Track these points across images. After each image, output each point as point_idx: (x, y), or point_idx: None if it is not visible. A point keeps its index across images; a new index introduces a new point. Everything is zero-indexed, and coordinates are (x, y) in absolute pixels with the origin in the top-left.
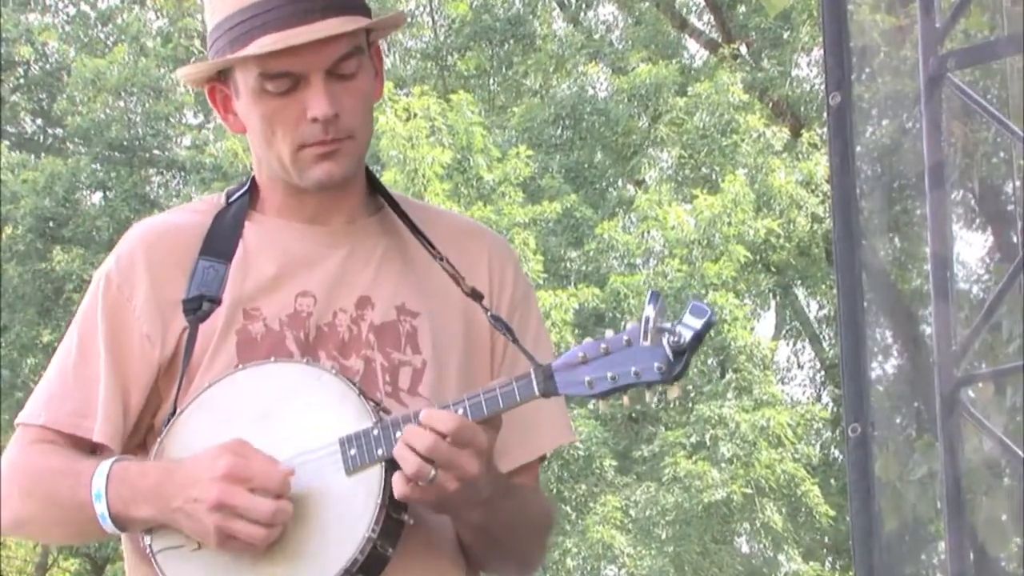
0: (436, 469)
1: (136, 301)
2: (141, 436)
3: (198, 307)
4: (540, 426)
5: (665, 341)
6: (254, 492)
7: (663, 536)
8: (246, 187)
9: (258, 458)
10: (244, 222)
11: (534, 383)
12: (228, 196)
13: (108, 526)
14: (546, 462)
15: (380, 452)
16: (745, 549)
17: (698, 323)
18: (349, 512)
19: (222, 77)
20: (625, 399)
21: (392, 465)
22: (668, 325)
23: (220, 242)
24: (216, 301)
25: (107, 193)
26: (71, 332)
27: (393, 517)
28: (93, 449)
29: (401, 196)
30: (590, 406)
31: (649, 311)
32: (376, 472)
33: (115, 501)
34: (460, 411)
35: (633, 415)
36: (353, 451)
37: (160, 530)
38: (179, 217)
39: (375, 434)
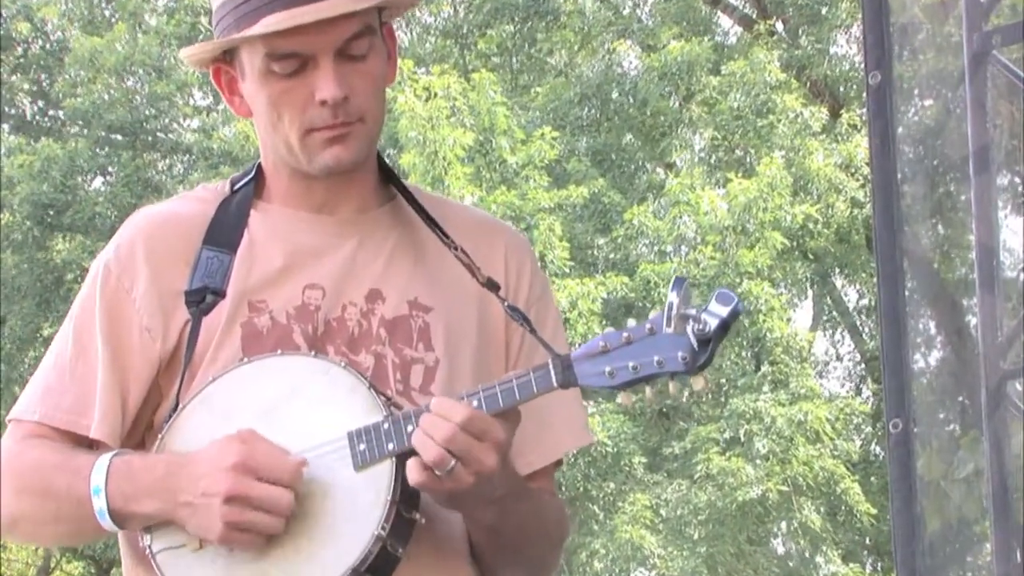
0: (455, 460)
1: (136, 292)
2: (140, 434)
3: (201, 299)
4: (556, 428)
5: (689, 329)
6: (263, 482)
7: (695, 536)
8: (251, 174)
9: (268, 447)
10: (249, 211)
11: (552, 373)
12: (233, 184)
13: (106, 523)
14: (572, 459)
15: (391, 447)
16: (781, 550)
17: (724, 310)
18: (357, 509)
19: (227, 58)
20: (648, 392)
21: (403, 461)
22: (693, 312)
23: (224, 231)
24: (220, 293)
25: (108, 178)
26: (68, 324)
27: (404, 515)
28: (90, 447)
29: (414, 187)
30: (618, 400)
31: (672, 297)
32: (386, 468)
33: (115, 496)
34: (475, 403)
35: (664, 410)
36: (362, 446)
37: (161, 529)
38: (182, 205)
39: (386, 428)
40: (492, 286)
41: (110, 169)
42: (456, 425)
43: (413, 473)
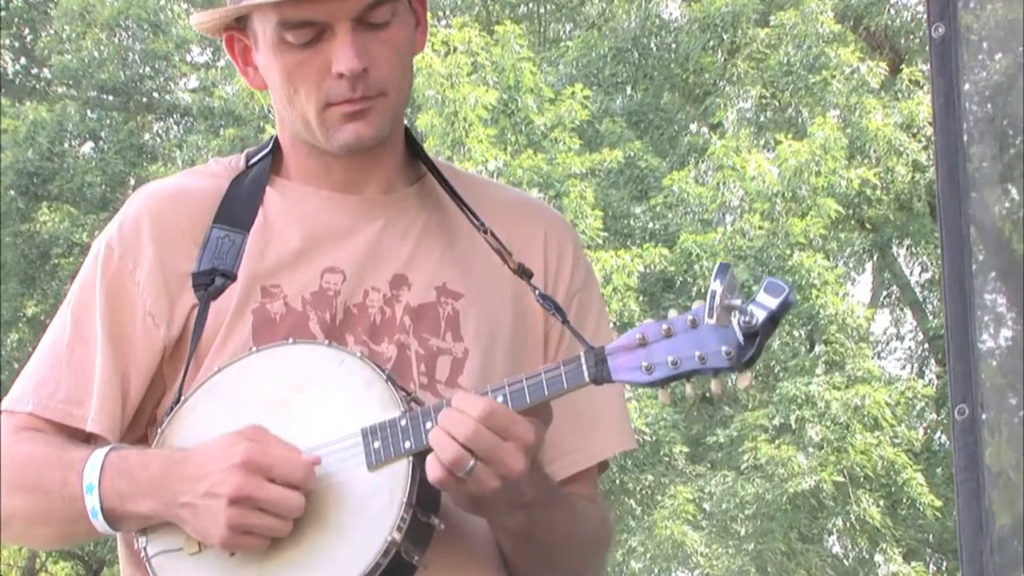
0: (476, 461)
1: (140, 274)
2: (142, 428)
3: (210, 282)
4: (599, 428)
5: (735, 322)
6: (273, 483)
7: (742, 532)
8: (268, 148)
9: (278, 445)
10: (265, 188)
11: (584, 367)
12: (248, 158)
13: (100, 524)
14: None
15: (408, 445)
16: (836, 548)
17: (773, 302)
18: (370, 512)
19: (240, 25)
20: (689, 389)
21: (421, 460)
22: (738, 303)
23: (237, 209)
24: (230, 276)
25: (99, 143)
26: (66, 307)
27: (421, 520)
28: (87, 441)
29: (447, 165)
30: (657, 398)
31: (716, 286)
32: (402, 467)
33: (110, 495)
34: (500, 398)
35: (707, 394)
36: (377, 443)
37: (157, 531)
38: (191, 180)
39: (403, 425)
40: (524, 273)
41: (101, 133)
42: (476, 421)
43: (432, 470)
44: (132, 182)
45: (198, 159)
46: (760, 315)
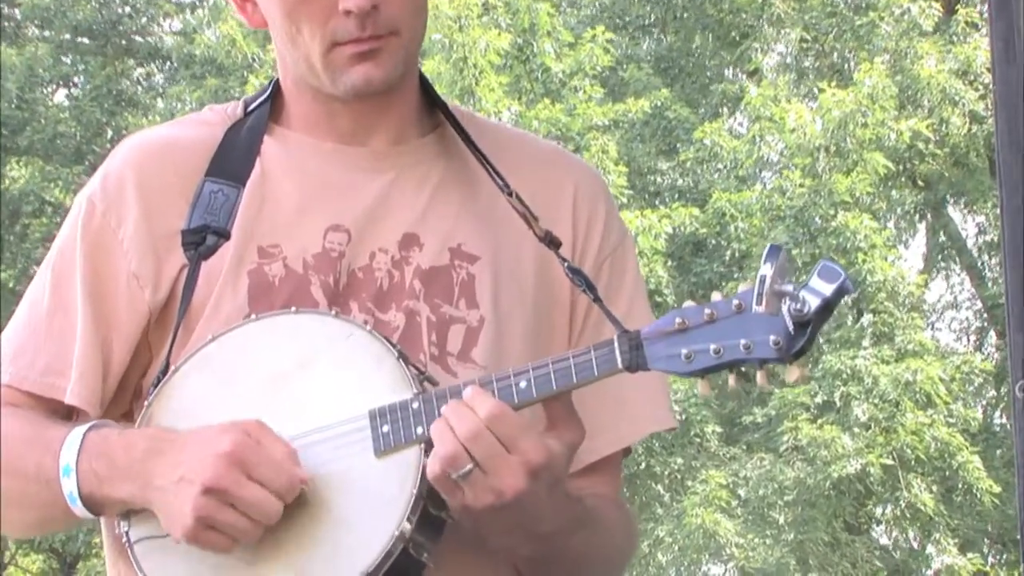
0: (473, 466)
1: (124, 232)
2: (126, 402)
3: (201, 240)
4: (631, 407)
5: (785, 309)
6: (253, 482)
7: (781, 521)
8: (267, 94)
9: (273, 445)
10: (263, 137)
11: (617, 354)
12: (246, 105)
13: (78, 509)
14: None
15: (420, 431)
16: (884, 539)
17: (828, 288)
18: (376, 503)
19: None
20: (732, 381)
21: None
22: (790, 288)
23: (232, 161)
24: (224, 234)
25: (73, 90)
26: (45, 269)
27: (432, 513)
28: (68, 416)
29: (467, 112)
30: (696, 389)
31: (766, 269)
32: (413, 455)
33: (88, 478)
34: (523, 383)
35: (743, 368)
36: (386, 427)
37: (141, 514)
38: (183, 129)
39: (415, 408)
40: (551, 243)
41: (76, 80)
42: (482, 420)
43: (430, 464)
44: (110, 133)
45: (179, 111)
46: (813, 302)
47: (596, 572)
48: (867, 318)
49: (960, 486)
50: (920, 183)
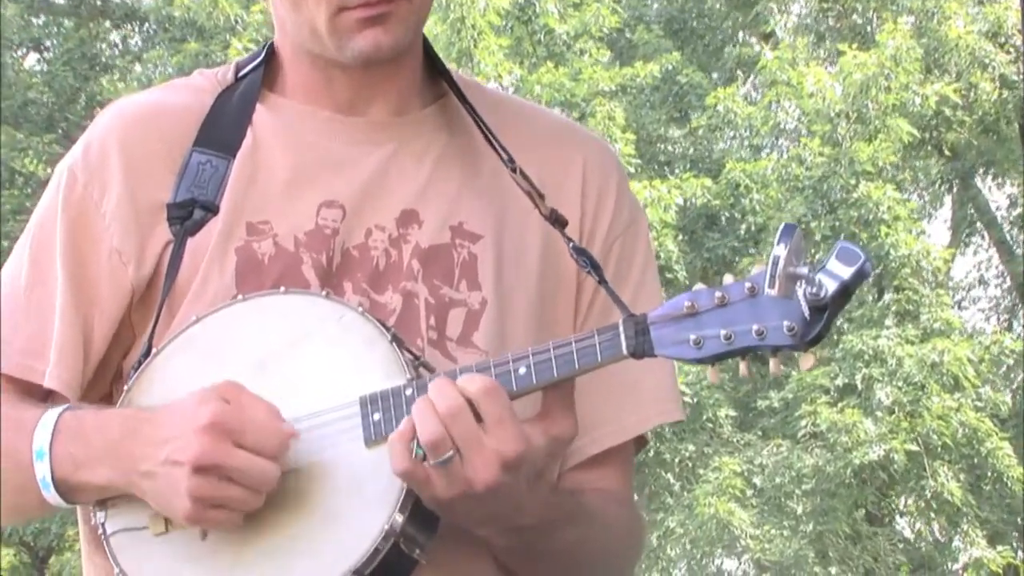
0: (454, 453)
1: (107, 205)
2: (107, 385)
3: (187, 215)
4: (637, 393)
5: (800, 292)
6: (244, 449)
7: (798, 511)
8: (261, 58)
9: (254, 406)
10: (255, 105)
11: (622, 339)
12: (238, 69)
13: (52, 496)
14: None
15: None
16: (908, 532)
17: (847, 271)
18: (366, 495)
19: None
20: (743, 368)
21: None
22: (805, 271)
23: (222, 130)
24: (212, 208)
25: (45, 54)
26: (23, 242)
27: (425, 508)
28: (46, 399)
29: (473, 82)
30: (706, 378)
31: (780, 250)
32: None
33: (62, 462)
34: (522, 369)
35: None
36: (377, 415)
37: (118, 504)
38: (170, 95)
39: (408, 395)
40: (557, 221)
41: (47, 43)
42: (469, 398)
43: (396, 454)
44: (83, 100)
45: (157, 77)
46: (830, 286)
47: (594, 571)
48: (890, 296)
49: (989, 474)
50: (947, 152)
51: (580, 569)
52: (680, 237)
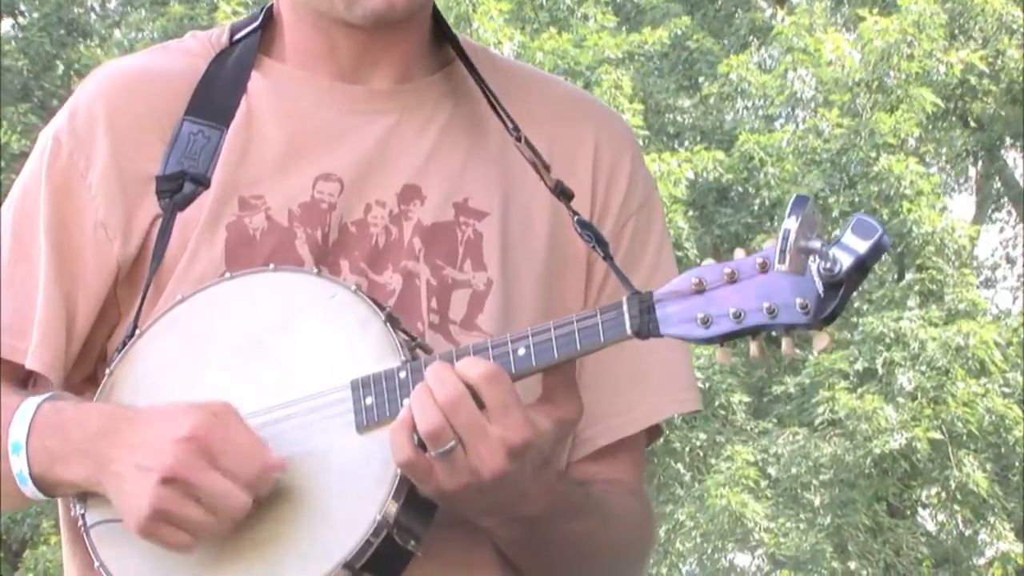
0: (456, 443)
1: (93, 175)
2: (91, 365)
3: (177, 188)
4: (650, 382)
5: (814, 268)
6: (219, 472)
7: (816, 503)
8: (259, 21)
9: (242, 432)
10: (251, 72)
11: (626, 317)
12: (233, 32)
13: (30, 490)
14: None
15: (407, 402)
16: (931, 525)
17: (862, 245)
18: (358, 485)
19: None
20: (753, 348)
21: None
22: (818, 245)
23: (215, 98)
24: (203, 181)
25: (20, 19)
26: (6, 213)
27: (420, 497)
28: (26, 380)
29: (480, 48)
30: (715, 358)
31: (791, 223)
32: None
33: (39, 456)
34: (521, 350)
35: (773, 332)
36: (370, 399)
37: (99, 497)
38: (161, 60)
39: (402, 378)
40: (562, 193)
41: (22, 7)
42: (469, 385)
43: (397, 443)
44: (60, 67)
45: (138, 42)
46: (845, 261)
47: (603, 564)
48: (912, 275)
49: (1017, 464)
50: (972, 123)
51: (588, 562)
52: (690, 213)
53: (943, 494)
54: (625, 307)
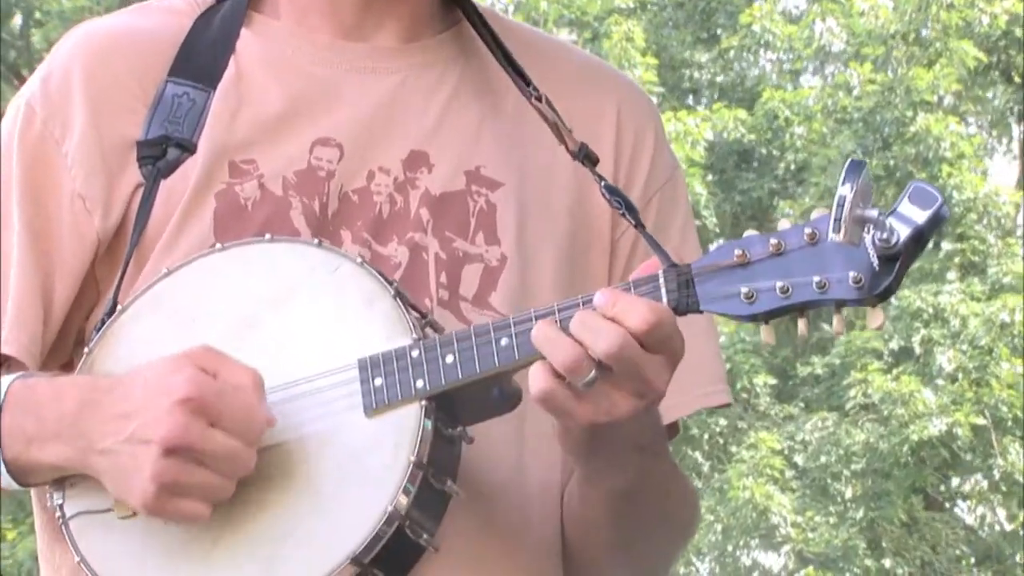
0: (596, 372)
1: (69, 143)
2: (68, 350)
3: (161, 154)
4: (680, 372)
5: (868, 239)
6: (221, 430)
7: (847, 495)
8: None
9: (233, 374)
10: (240, 29)
11: (663, 291)
12: None
13: (4, 479)
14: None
15: (420, 385)
16: (971, 519)
17: (921, 215)
18: (367, 471)
19: None
20: (802, 326)
21: (436, 406)
22: (874, 214)
23: (201, 57)
24: (188, 147)
25: None
26: None
27: (434, 486)
28: (2, 365)
29: (493, 13)
30: (760, 338)
31: (845, 190)
32: (412, 414)
33: (13, 438)
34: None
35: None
36: (379, 380)
37: (77, 484)
38: (141, 18)
39: (414, 356)
40: (587, 157)
41: None
42: (630, 332)
43: (538, 377)
44: (20, 16)
45: None
46: (903, 232)
47: (667, 532)
48: (952, 245)
49: None
50: (1017, 78)
51: (657, 528)
52: (709, 177)
53: (985, 485)
54: (662, 279)
